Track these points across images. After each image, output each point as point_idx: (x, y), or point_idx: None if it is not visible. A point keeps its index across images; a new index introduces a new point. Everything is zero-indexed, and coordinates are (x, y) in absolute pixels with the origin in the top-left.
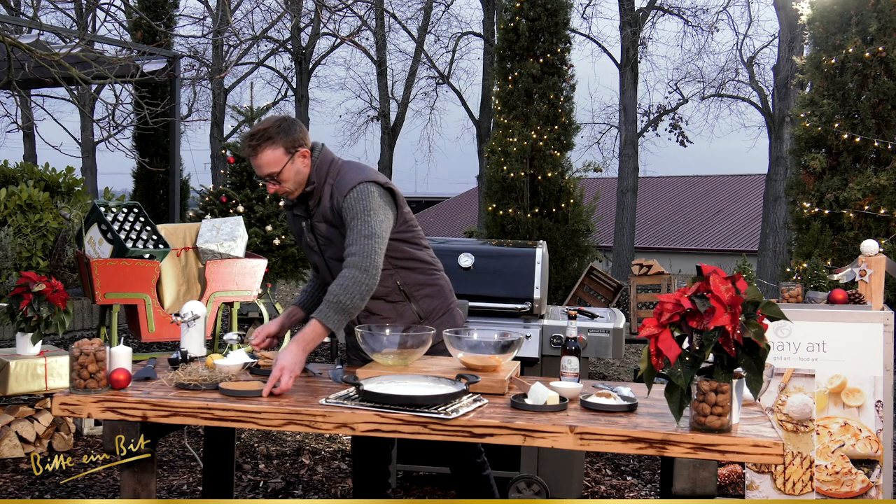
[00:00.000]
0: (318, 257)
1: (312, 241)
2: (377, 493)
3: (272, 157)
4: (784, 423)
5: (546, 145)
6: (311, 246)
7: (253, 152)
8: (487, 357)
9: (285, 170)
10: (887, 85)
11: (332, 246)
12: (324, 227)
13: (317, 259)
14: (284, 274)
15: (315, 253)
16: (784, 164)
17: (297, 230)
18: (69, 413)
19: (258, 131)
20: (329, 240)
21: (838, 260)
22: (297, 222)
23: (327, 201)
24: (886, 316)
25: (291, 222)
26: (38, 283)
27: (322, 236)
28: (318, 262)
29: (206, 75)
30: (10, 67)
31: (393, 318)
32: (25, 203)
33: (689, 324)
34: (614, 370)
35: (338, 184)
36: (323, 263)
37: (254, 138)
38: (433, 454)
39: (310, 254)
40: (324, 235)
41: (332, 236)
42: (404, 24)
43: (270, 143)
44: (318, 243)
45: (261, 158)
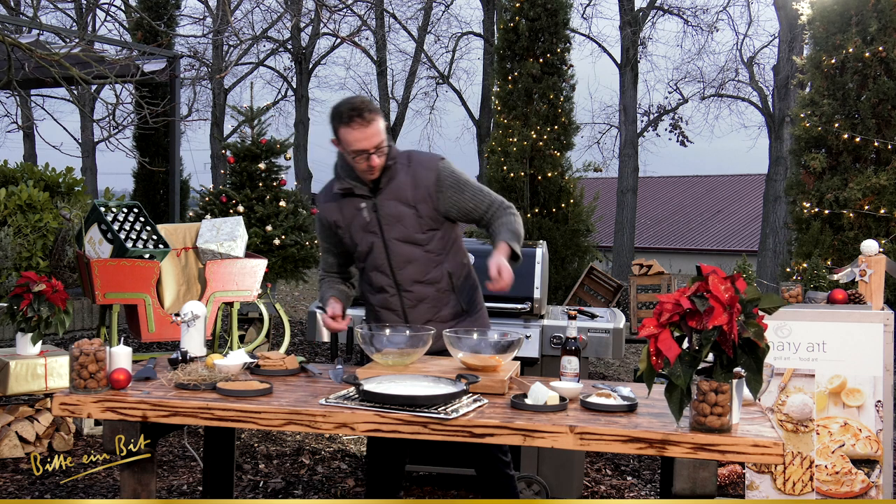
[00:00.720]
0: (377, 238)
1: (374, 222)
2: (390, 493)
3: (380, 125)
4: (784, 423)
5: (546, 145)
6: (370, 227)
7: (366, 122)
8: (487, 357)
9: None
10: (887, 85)
11: (397, 226)
12: (392, 206)
13: (373, 241)
14: (284, 274)
15: (373, 234)
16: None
17: (352, 213)
18: (69, 413)
19: (366, 102)
20: (396, 219)
21: (838, 260)
22: (352, 204)
23: (405, 178)
24: (886, 316)
25: (340, 208)
26: (38, 283)
27: (389, 215)
28: (373, 243)
29: (206, 75)
30: (11, 67)
31: (438, 308)
32: (25, 203)
33: (688, 324)
34: (614, 370)
35: (418, 160)
36: (381, 245)
37: (365, 108)
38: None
39: (361, 238)
40: (391, 214)
41: (401, 215)
42: (404, 24)
43: (378, 114)
44: (381, 223)
45: (373, 127)
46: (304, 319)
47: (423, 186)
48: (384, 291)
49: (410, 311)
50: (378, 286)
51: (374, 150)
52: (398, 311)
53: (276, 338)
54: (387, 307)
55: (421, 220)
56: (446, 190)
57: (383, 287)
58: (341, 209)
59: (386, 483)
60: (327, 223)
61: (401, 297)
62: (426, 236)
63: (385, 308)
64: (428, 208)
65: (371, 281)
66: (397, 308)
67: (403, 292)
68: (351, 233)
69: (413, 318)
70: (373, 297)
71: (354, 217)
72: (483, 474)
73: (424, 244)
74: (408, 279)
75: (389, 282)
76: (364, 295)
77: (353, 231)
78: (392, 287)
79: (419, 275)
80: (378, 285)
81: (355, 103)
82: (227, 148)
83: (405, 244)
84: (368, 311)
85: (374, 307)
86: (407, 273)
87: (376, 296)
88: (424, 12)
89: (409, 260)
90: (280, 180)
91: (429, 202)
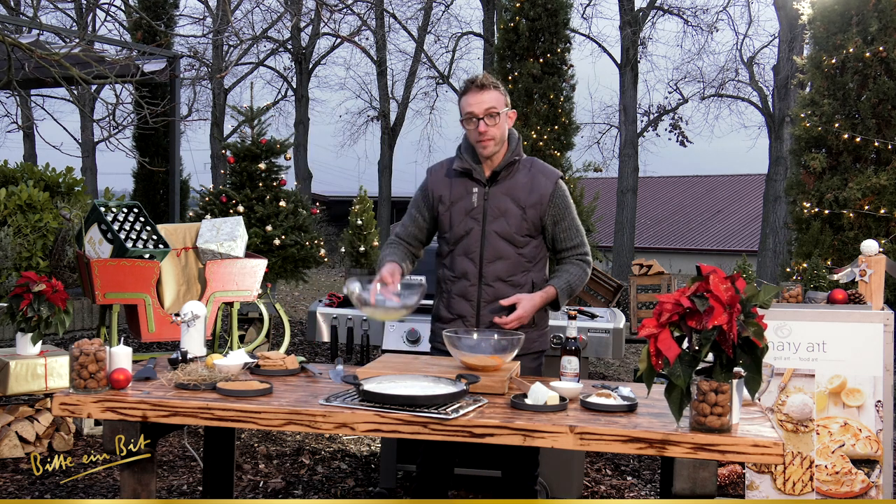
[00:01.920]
0: (477, 225)
1: (480, 209)
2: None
3: (497, 96)
4: (784, 423)
5: (546, 145)
6: (475, 213)
7: (479, 88)
8: (487, 357)
9: (501, 116)
10: (887, 85)
11: (500, 220)
12: (503, 200)
13: (472, 226)
14: (284, 274)
15: (474, 220)
16: (784, 164)
17: (460, 193)
18: (69, 413)
19: (487, 75)
20: (503, 214)
21: (838, 260)
22: (464, 185)
23: (523, 178)
24: (886, 316)
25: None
26: (38, 283)
27: (496, 207)
28: (471, 229)
29: (206, 75)
30: (11, 67)
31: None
32: (25, 203)
33: (688, 324)
34: (614, 370)
35: (540, 168)
36: (479, 233)
37: (483, 77)
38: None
39: (462, 220)
40: (499, 207)
41: (508, 211)
42: (404, 24)
43: (497, 89)
44: (486, 212)
45: (485, 94)
46: (304, 319)
47: (537, 192)
48: (465, 279)
49: (484, 307)
50: (461, 272)
51: (483, 114)
52: (473, 302)
53: (276, 338)
54: (464, 296)
55: (525, 223)
56: (555, 206)
57: (466, 275)
58: (451, 186)
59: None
60: (432, 196)
61: (480, 290)
62: (524, 239)
63: (462, 297)
64: (535, 214)
65: (455, 266)
66: (473, 299)
67: (484, 286)
68: (452, 212)
69: (484, 314)
70: (451, 284)
71: (462, 198)
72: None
73: (520, 246)
74: (493, 274)
75: (475, 271)
76: (443, 283)
77: (454, 211)
78: (475, 277)
79: (505, 273)
80: (462, 272)
81: (476, 75)
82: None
83: (503, 240)
84: (442, 300)
85: (450, 294)
86: (495, 268)
87: (456, 283)
88: (424, 12)
89: (500, 256)
90: (280, 180)
91: (538, 209)
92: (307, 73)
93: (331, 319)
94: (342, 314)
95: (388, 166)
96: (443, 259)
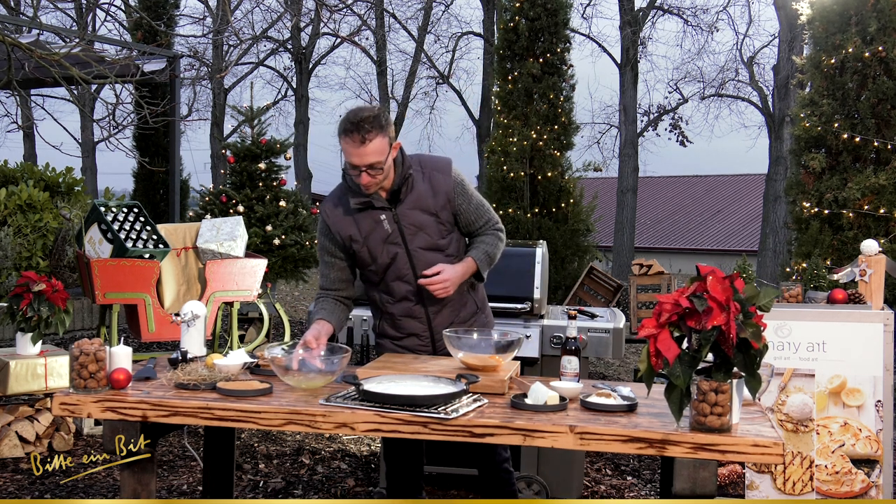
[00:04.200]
0: (399, 248)
1: (395, 233)
2: (412, 493)
3: (379, 146)
4: (784, 422)
5: (546, 145)
6: (392, 238)
7: (361, 140)
8: (487, 357)
9: (387, 161)
10: (887, 85)
11: (420, 234)
12: (414, 215)
13: (396, 252)
14: (284, 274)
15: (395, 245)
16: (784, 163)
17: (370, 226)
18: (69, 413)
19: (369, 118)
20: (419, 228)
21: (838, 260)
22: (370, 217)
23: (422, 186)
24: (886, 316)
25: (356, 222)
26: (38, 283)
27: (411, 225)
28: (396, 254)
29: (206, 75)
30: (10, 67)
31: (458, 308)
32: (25, 203)
33: (687, 324)
34: (614, 370)
35: (433, 167)
36: (405, 255)
37: (365, 124)
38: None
39: (382, 250)
40: (413, 223)
41: (423, 224)
42: (404, 24)
43: (379, 133)
44: (403, 233)
45: (368, 147)
46: (304, 319)
47: (442, 192)
48: (407, 300)
49: (435, 317)
50: (401, 296)
51: (365, 167)
52: (422, 317)
53: (276, 337)
54: (410, 315)
55: (441, 226)
56: (459, 196)
57: (406, 296)
58: (357, 223)
59: (406, 484)
60: (341, 238)
61: (424, 304)
62: (446, 241)
63: (408, 316)
64: (447, 213)
65: (392, 291)
66: (421, 315)
67: (427, 299)
68: (369, 246)
69: (437, 323)
70: (394, 307)
71: (373, 230)
72: (484, 472)
73: (445, 249)
74: None
75: (412, 290)
76: (382, 306)
77: (371, 244)
78: (415, 295)
79: None
80: (400, 295)
81: (359, 117)
82: (227, 148)
83: (429, 251)
84: (386, 320)
85: (394, 316)
86: None
87: (398, 305)
88: (424, 12)
89: (431, 266)
90: (280, 180)
91: (448, 207)
92: (307, 73)
93: None
94: None
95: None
96: (375, 285)
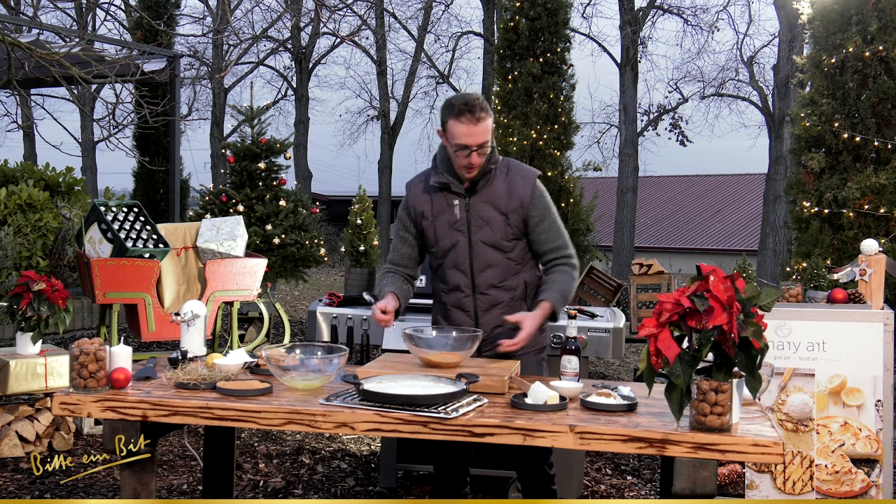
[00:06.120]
0: (462, 237)
1: (463, 221)
2: (456, 493)
3: (489, 126)
4: (784, 422)
5: (546, 145)
6: (458, 225)
7: (475, 119)
8: (447, 353)
9: (492, 142)
10: (887, 84)
11: (485, 228)
12: (485, 209)
13: (458, 239)
14: (284, 273)
15: (459, 233)
16: (784, 163)
17: (442, 207)
18: (69, 412)
19: (478, 99)
20: (486, 222)
21: (838, 259)
22: (444, 198)
23: (501, 185)
24: (886, 315)
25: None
26: (37, 283)
27: (480, 217)
28: (457, 241)
29: (206, 75)
30: (11, 67)
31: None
32: (25, 203)
33: (688, 323)
34: (614, 370)
35: (517, 170)
36: (466, 244)
37: (477, 106)
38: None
39: (447, 234)
40: (482, 217)
41: (491, 219)
42: (404, 24)
43: (489, 114)
44: (470, 223)
45: (480, 126)
46: (303, 319)
47: (517, 197)
48: (459, 291)
49: (483, 314)
50: (454, 284)
51: (476, 147)
52: (470, 312)
53: (276, 337)
54: (460, 307)
55: (509, 229)
56: (534, 208)
57: (459, 286)
58: (432, 201)
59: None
60: (414, 212)
61: (475, 299)
62: (511, 244)
63: (458, 308)
64: (517, 219)
65: (447, 278)
66: (469, 309)
67: (479, 294)
68: (436, 227)
69: (484, 322)
70: (446, 296)
71: (444, 211)
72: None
73: (508, 251)
74: (485, 282)
75: (467, 282)
76: (436, 293)
77: (438, 225)
78: (468, 287)
79: (497, 280)
80: (454, 284)
81: (469, 99)
82: (227, 147)
83: (490, 248)
84: (438, 308)
85: (446, 305)
86: (486, 276)
87: (450, 294)
88: (424, 12)
89: (490, 264)
90: (280, 179)
91: (519, 213)
92: (307, 73)
93: (331, 319)
94: (342, 313)
95: (388, 166)
96: (434, 272)
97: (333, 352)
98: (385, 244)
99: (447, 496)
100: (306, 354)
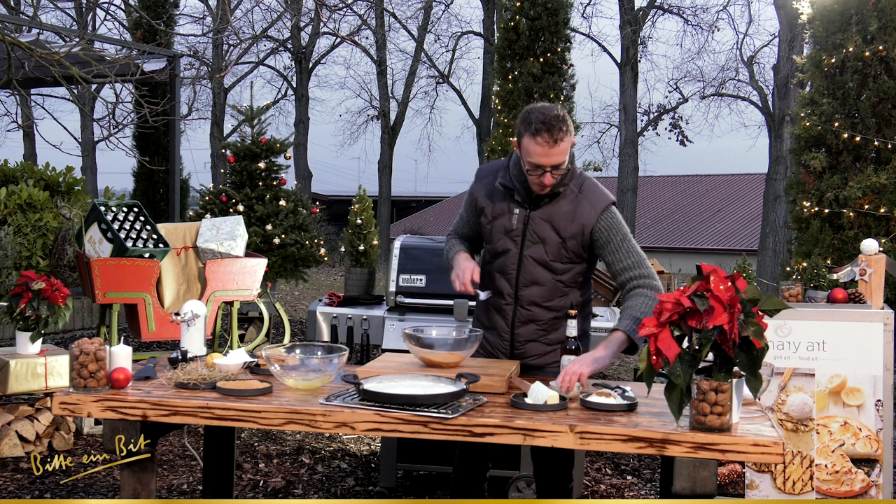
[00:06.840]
0: (514, 247)
1: (518, 232)
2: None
3: (567, 146)
4: (784, 422)
5: None
6: (513, 235)
7: (554, 141)
8: (447, 353)
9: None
10: (887, 84)
11: (538, 246)
12: (543, 227)
13: (509, 246)
14: (284, 273)
15: (512, 242)
16: (784, 163)
17: (501, 211)
18: (69, 412)
19: (560, 117)
20: (541, 240)
21: (838, 259)
22: (506, 203)
23: (567, 206)
24: (886, 315)
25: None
26: (37, 282)
27: (536, 233)
28: (509, 250)
29: (206, 74)
30: (11, 66)
31: (548, 332)
32: (25, 202)
33: (688, 323)
34: (614, 370)
35: (589, 194)
36: (516, 255)
37: (557, 125)
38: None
39: (500, 239)
40: (538, 234)
41: (547, 239)
42: (404, 24)
43: (568, 134)
44: (525, 236)
45: (557, 148)
46: (304, 319)
47: (579, 223)
48: (501, 297)
49: (519, 326)
50: (497, 289)
51: (550, 168)
52: (508, 320)
53: (276, 337)
54: (499, 311)
55: (564, 252)
56: (599, 233)
57: (502, 293)
58: (494, 201)
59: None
60: (477, 203)
61: (515, 310)
62: (564, 266)
63: (498, 312)
64: (576, 244)
65: (492, 282)
66: (508, 317)
67: (520, 308)
68: (492, 228)
69: (519, 333)
70: (490, 298)
71: (502, 215)
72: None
73: (559, 273)
74: (528, 298)
75: (510, 291)
76: (483, 284)
77: (494, 228)
78: (511, 297)
79: (541, 299)
80: (498, 289)
81: (548, 116)
82: (227, 147)
83: (540, 266)
84: (481, 308)
85: (487, 303)
86: (530, 293)
87: (493, 297)
88: (424, 12)
89: (536, 281)
90: (280, 179)
91: (579, 239)
92: (307, 73)
93: (331, 319)
94: (342, 313)
95: (387, 165)
96: (484, 265)
97: (333, 352)
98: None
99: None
100: (306, 354)
